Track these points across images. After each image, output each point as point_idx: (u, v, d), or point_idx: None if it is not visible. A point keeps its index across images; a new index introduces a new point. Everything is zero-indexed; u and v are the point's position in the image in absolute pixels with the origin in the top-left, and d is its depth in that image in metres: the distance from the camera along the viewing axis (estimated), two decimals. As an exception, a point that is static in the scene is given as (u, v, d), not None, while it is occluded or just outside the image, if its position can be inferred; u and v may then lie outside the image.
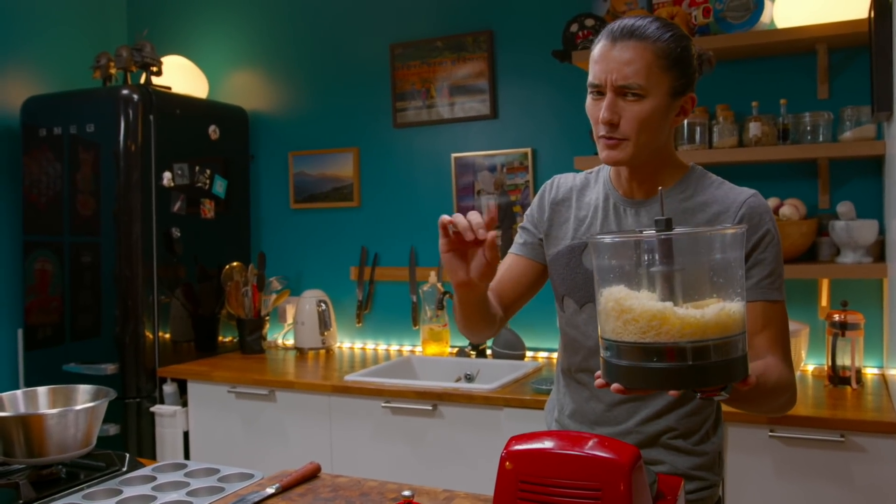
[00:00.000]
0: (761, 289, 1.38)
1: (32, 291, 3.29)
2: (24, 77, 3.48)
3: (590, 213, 1.52)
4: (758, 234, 1.38)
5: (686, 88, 1.40)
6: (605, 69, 1.37)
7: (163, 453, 3.04)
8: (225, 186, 3.48)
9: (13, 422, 1.49)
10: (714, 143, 2.64)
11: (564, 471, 0.94)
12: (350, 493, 1.42)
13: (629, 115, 1.36)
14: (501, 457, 0.99)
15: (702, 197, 1.44)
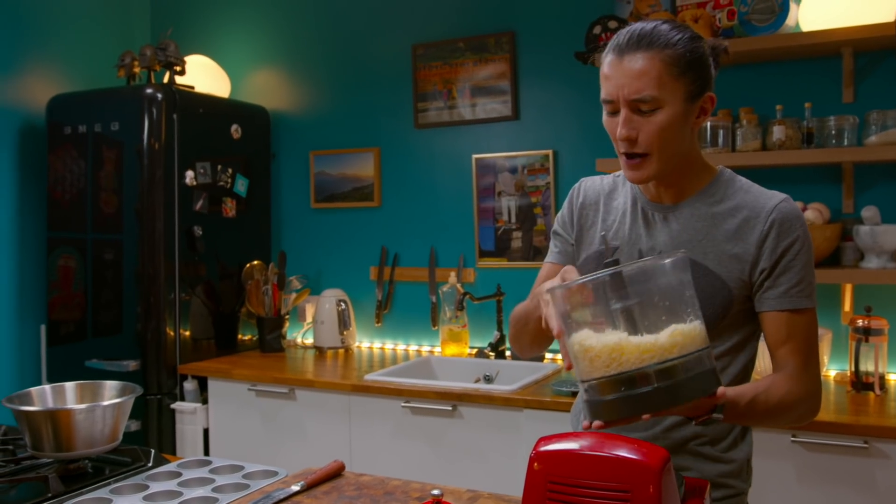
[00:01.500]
0: (790, 297, 1.36)
1: (55, 287, 3.34)
2: (50, 75, 3.53)
3: (618, 217, 1.51)
4: (787, 241, 1.36)
5: (703, 89, 1.38)
6: (616, 84, 1.34)
7: (183, 450, 3.07)
8: (246, 185, 3.51)
9: (42, 416, 1.52)
10: (737, 146, 2.63)
11: (593, 472, 0.94)
12: (374, 492, 1.44)
13: (647, 129, 1.34)
14: (530, 457, 1.00)
15: (731, 202, 1.41)
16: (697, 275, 1.36)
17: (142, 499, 1.43)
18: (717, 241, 1.39)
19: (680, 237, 1.42)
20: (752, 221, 1.38)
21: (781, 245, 1.36)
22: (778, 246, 1.36)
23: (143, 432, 3.09)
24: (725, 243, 1.39)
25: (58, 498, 1.43)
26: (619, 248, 1.47)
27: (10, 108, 3.37)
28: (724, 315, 1.38)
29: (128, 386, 1.69)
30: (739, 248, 1.38)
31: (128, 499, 1.42)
